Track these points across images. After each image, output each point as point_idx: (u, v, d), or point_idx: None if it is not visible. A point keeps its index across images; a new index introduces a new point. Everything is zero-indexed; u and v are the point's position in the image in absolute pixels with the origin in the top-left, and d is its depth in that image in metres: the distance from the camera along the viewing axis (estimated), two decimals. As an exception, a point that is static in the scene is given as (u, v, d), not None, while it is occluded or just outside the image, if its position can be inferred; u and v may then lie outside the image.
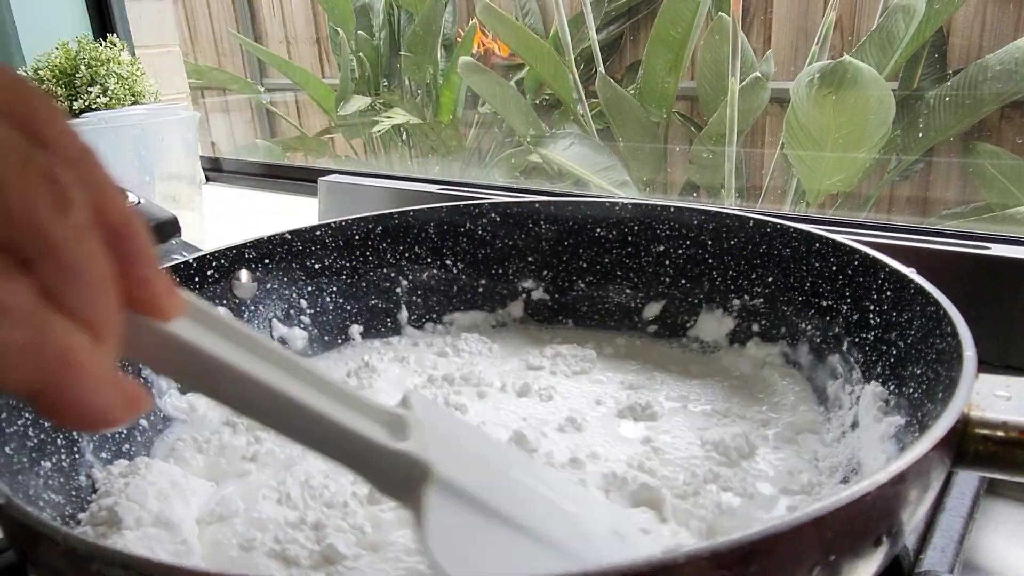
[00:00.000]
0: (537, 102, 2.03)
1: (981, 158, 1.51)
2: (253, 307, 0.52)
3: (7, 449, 0.32)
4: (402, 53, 2.12)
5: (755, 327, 0.50)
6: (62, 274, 0.18)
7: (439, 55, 2.10)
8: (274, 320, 0.53)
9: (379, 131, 2.14)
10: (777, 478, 0.39)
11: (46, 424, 0.36)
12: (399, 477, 0.25)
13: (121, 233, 0.19)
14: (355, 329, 0.56)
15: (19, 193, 0.17)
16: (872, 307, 0.41)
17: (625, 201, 0.56)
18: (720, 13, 1.53)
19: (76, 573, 0.23)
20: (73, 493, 0.36)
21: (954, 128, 1.52)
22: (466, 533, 0.25)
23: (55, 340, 0.17)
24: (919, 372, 0.35)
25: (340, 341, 0.55)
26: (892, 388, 0.38)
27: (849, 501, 0.21)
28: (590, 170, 1.64)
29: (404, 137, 2.22)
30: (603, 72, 1.68)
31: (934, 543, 0.37)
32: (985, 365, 0.32)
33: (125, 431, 0.41)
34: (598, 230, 0.56)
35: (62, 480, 0.35)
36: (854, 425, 0.40)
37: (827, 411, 0.43)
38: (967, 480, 0.42)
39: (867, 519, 0.22)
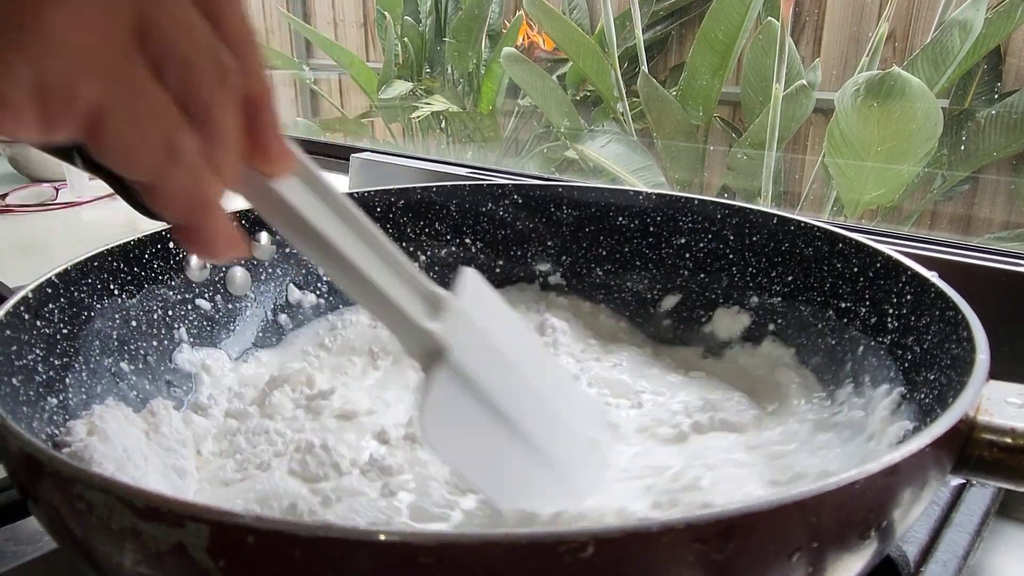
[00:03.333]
0: (578, 98, 2.01)
1: (1030, 181, 1.47)
2: (271, 269, 0.53)
3: (14, 380, 0.32)
4: (446, 40, 2.13)
5: (771, 326, 0.49)
6: (214, 136, 0.23)
7: (483, 45, 2.10)
8: (291, 284, 0.53)
9: (418, 116, 2.14)
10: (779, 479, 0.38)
11: (56, 363, 0.36)
12: (420, 349, 0.29)
13: (258, 105, 0.25)
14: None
15: (198, 70, 0.22)
16: (891, 311, 0.40)
17: (649, 191, 0.55)
18: (769, 17, 1.50)
19: (62, 498, 0.23)
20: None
21: (1004, 150, 1.47)
22: (460, 417, 0.28)
23: (205, 189, 0.23)
24: (932, 378, 0.34)
25: (356, 310, 0.55)
26: (903, 393, 0.37)
27: (837, 487, 0.20)
28: (625, 169, 1.62)
29: (443, 125, 2.22)
30: (646, 71, 1.66)
31: (937, 556, 0.36)
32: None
33: (134, 378, 0.42)
34: (620, 218, 0.56)
35: (66, 418, 0.36)
36: (862, 429, 0.39)
37: (836, 413, 0.42)
38: (978, 498, 0.41)
39: (855, 508, 0.21)
